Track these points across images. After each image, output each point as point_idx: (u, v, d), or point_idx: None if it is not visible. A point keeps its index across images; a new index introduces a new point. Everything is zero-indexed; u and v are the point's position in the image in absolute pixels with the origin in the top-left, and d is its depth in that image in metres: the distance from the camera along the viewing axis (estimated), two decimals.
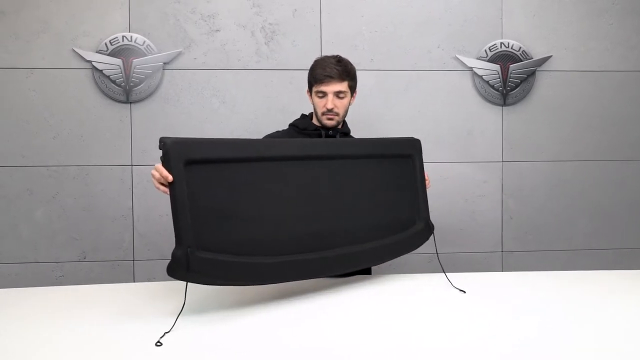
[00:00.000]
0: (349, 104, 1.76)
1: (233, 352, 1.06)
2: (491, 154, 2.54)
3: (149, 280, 2.40)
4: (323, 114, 1.71)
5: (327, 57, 1.72)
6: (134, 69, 2.35)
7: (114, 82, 2.35)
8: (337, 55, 1.73)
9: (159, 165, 1.23)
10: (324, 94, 1.70)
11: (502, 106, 2.53)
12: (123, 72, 2.35)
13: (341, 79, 1.68)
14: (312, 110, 1.80)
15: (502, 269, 2.56)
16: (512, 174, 2.55)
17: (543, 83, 2.54)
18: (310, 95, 1.75)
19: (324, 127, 1.75)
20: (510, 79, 2.50)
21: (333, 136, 1.75)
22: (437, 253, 1.75)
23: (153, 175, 1.26)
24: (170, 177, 1.19)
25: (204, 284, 1.23)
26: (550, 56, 2.52)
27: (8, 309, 1.33)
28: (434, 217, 2.48)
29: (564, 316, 1.27)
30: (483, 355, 1.03)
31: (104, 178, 2.39)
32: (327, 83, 1.68)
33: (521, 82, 2.51)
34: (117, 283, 1.99)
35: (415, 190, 1.68)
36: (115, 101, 2.37)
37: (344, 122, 1.84)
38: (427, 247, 2.49)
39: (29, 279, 2.36)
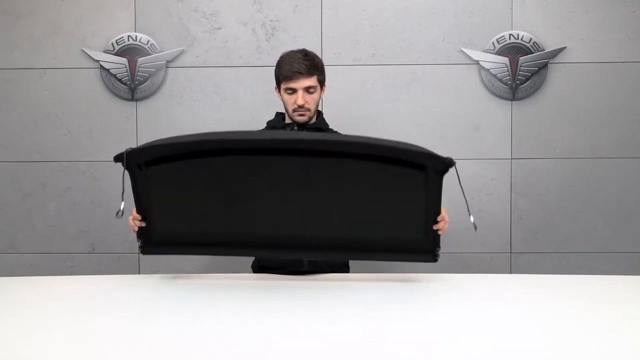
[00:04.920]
0: (320, 97, 1.74)
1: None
2: (499, 151, 2.44)
3: (153, 272, 2.47)
4: (294, 110, 1.71)
5: (293, 52, 1.72)
6: (139, 67, 2.42)
7: (120, 80, 2.43)
8: (303, 50, 1.73)
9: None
10: (294, 91, 1.68)
11: (512, 101, 2.41)
12: (128, 70, 2.42)
13: (310, 73, 1.67)
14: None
15: (511, 271, 2.45)
16: (522, 172, 2.44)
17: (556, 76, 2.40)
18: (279, 92, 1.74)
19: (296, 124, 1.74)
20: (520, 72, 2.38)
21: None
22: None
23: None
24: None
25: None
26: (565, 47, 2.38)
27: (23, 296, 1.41)
28: None
29: (578, 324, 1.16)
30: None
31: (112, 173, 2.48)
32: (296, 79, 1.66)
33: (532, 75, 2.38)
34: (123, 275, 2.08)
35: (418, 208, 1.40)
36: (122, 99, 2.46)
37: (321, 118, 1.83)
38: None
39: (42, 268, 2.48)
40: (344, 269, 1.82)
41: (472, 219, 1.39)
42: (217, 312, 1.26)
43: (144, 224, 1.44)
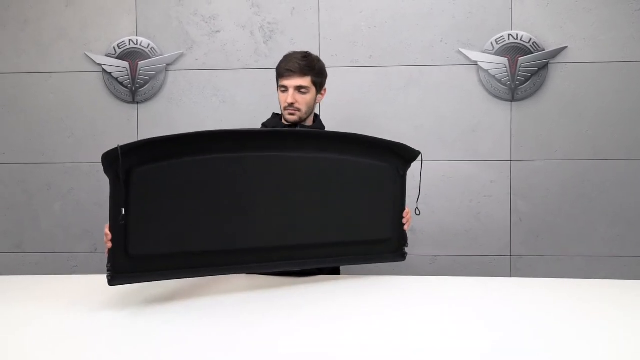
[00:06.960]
0: (315, 101, 1.74)
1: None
2: (499, 152, 2.41)
3: None
4: (285, 108, 1.71)
5: (294, 52, 1.73)
6: (140, 70, 2.46)
7: (121, 83, 2.48)
8: (306, 51, 1.73)
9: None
10: (286, 89, 1.69)
11: (511, 102, 2.38)
12: (129, 74, 2.47)
13: (302, 73, 1.67)
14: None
15: (511, 274, 2.42)
16: (522, 174, 2.40)
17: (557, 76, 2.36)
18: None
19: (290, 124, 1.74)
20: (520, 72, 2.35)
21: None
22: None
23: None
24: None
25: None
26: (566, 47, 2.34)
27: (28, 294, 1.46)
28: (437, 217, 2.42)
29: (579, 329, 1.14)
30: None
31: None
32: (288, 77, 1.67)
33: (532, 75, 2.35)
34: None
35: (387, 205, 1.55)
36: (123, 102, 2.50)
37: (318, 120, 1.83)
38: (428, 248, 2.43)
39: (47, 267, 2.54)
40: (335, 270, 1.82)
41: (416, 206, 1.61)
42: (213, 311, 1.29)
43: (110, 245, 1.28)
